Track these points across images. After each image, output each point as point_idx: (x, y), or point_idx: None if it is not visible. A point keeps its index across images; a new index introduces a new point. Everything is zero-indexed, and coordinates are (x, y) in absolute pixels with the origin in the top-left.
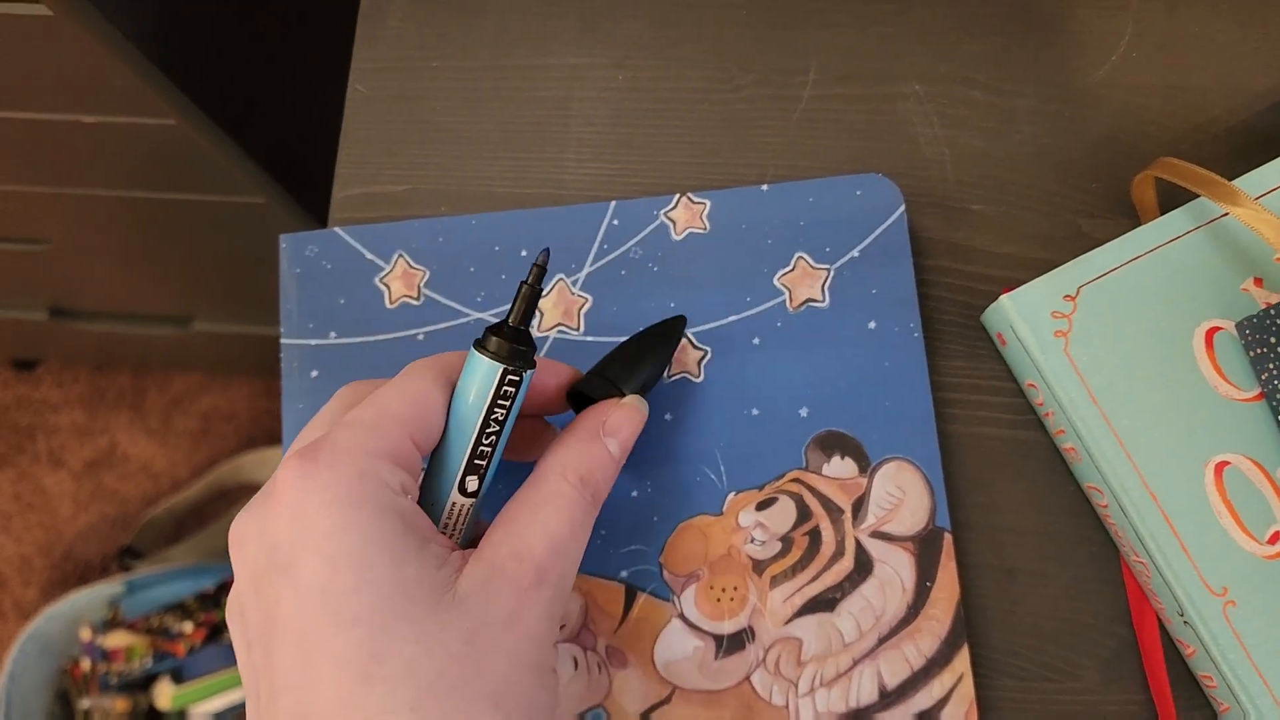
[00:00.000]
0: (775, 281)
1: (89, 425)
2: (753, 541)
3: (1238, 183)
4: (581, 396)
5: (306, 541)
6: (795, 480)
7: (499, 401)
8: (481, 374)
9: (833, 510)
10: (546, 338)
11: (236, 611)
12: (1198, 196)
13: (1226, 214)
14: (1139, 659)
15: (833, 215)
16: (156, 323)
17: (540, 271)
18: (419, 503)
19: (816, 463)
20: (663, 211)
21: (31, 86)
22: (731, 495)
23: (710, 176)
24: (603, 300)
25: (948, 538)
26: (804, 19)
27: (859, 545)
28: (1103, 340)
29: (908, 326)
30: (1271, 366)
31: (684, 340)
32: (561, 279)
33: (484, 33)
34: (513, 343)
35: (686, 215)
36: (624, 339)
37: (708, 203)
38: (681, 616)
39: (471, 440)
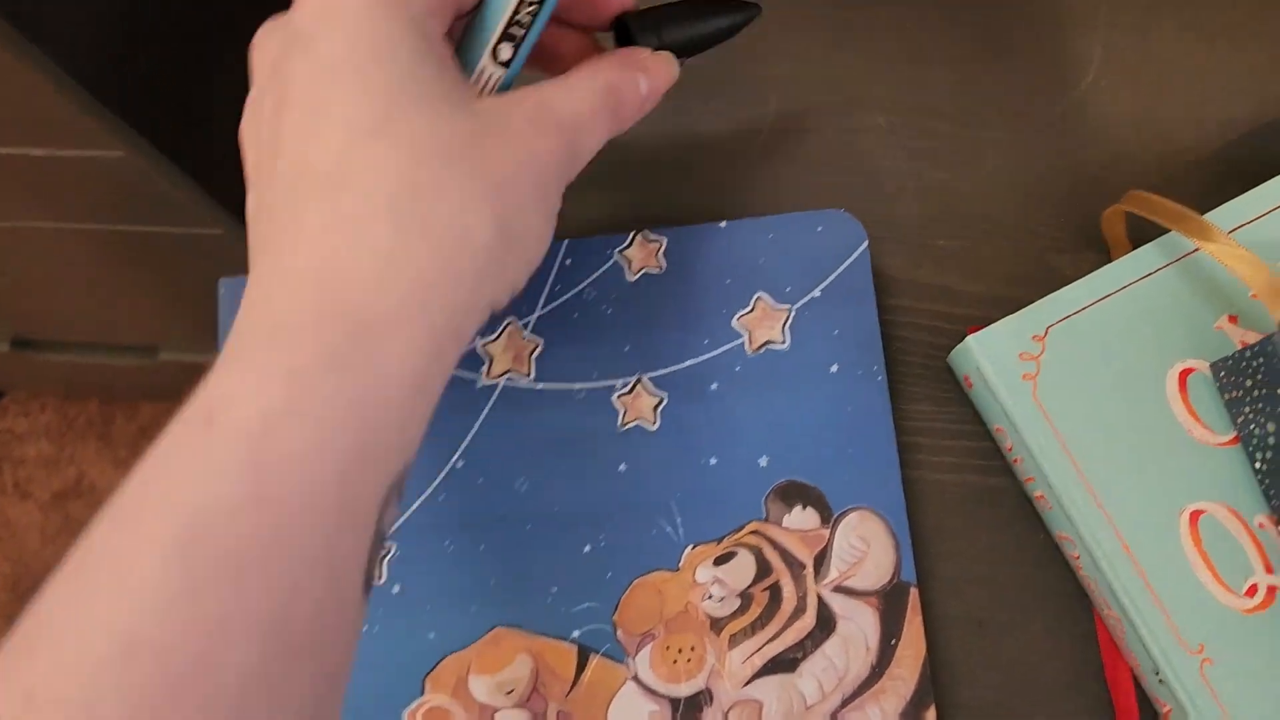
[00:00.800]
0: (734, 323)
1: (56, 456)
2: (710, 598)
3: (1210, 216)
4: (626, 32)
5: (330, 19)
6: (755, 533)
7: None
8: None
9: (794, 564)
10: (495, 385)
11: (252, 113)
12: (1169, 231)
13: (1199, 249)
14: (1113, 716)
15: (793, 253)
16: (121, 353)
17: None
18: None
19: (777, 514)
20: (617, 250)
21: None
22: (689, 549)
23: (667, 212)
24: (554, 343)
25: (914, 591)
26: (765, 49)
27: (821, 601)
28: (1073, 383)
29: (871, 369)
30: (1247, 409)
31: (641, 380)
32: (512, 321)
33: None
34: None
35: (642, 254)
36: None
37: (664, 240)
38: (636, 679)
39: (513, 3)
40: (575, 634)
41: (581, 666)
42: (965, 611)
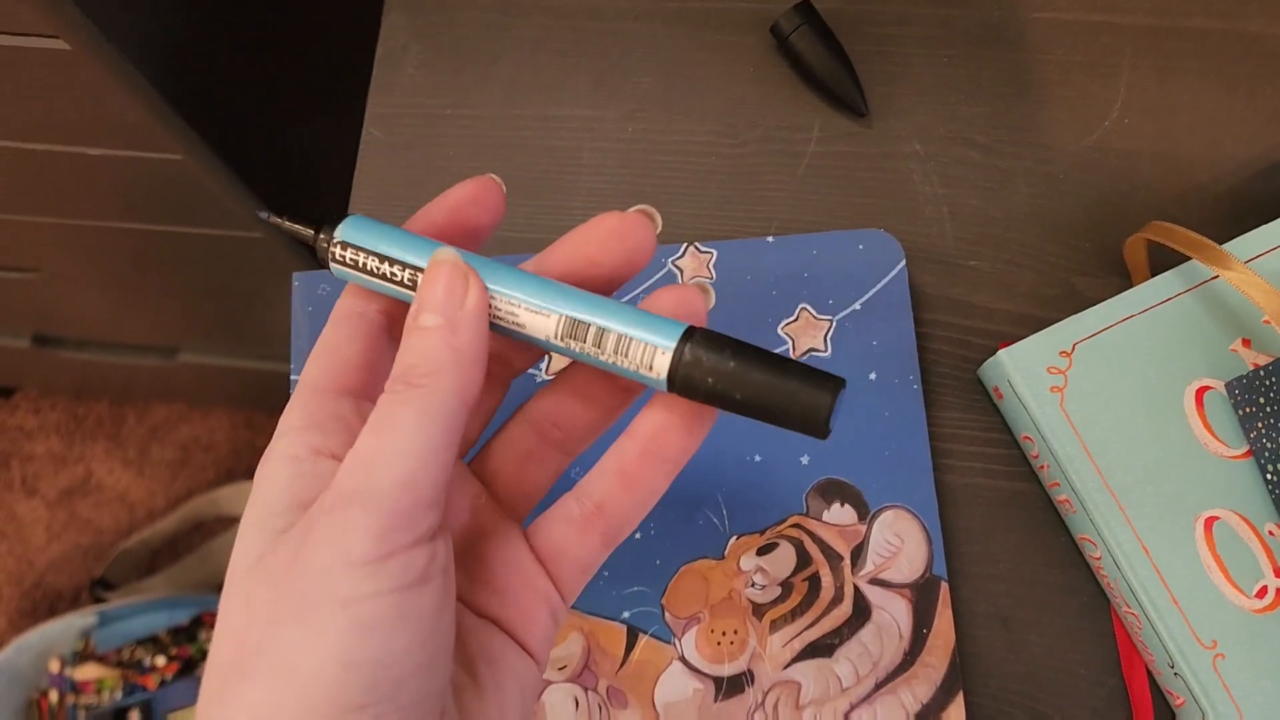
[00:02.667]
0: (779, 331)
1: (65, 453)
2: (753, 586)
3: (1226, 247)
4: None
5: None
6: (796, 526)
7: None
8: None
9: (832, 556)
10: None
11: None
12: (1188, 259)
13: (1216, 277)
14: (1129, 709)
15: (835, 268)
16: (141, 353)
17: None
18: None
19: (817, 509)
20: (671, 260)
21: (41, 118)
22: (733, 539)
23: (716, 228)
24: None
25: (944, 585)
26: (809, 79)
27: (857, 591)
28: (1097, 396)
29: (907, 379)
30: (1260, 425)
31: None
32: None
33: (498, 82)
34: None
35: (694, 264)
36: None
37: (715, 253)
38: (682, 659)
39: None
40: (625, 615)
41: (631, 646)
42: (991, 608)
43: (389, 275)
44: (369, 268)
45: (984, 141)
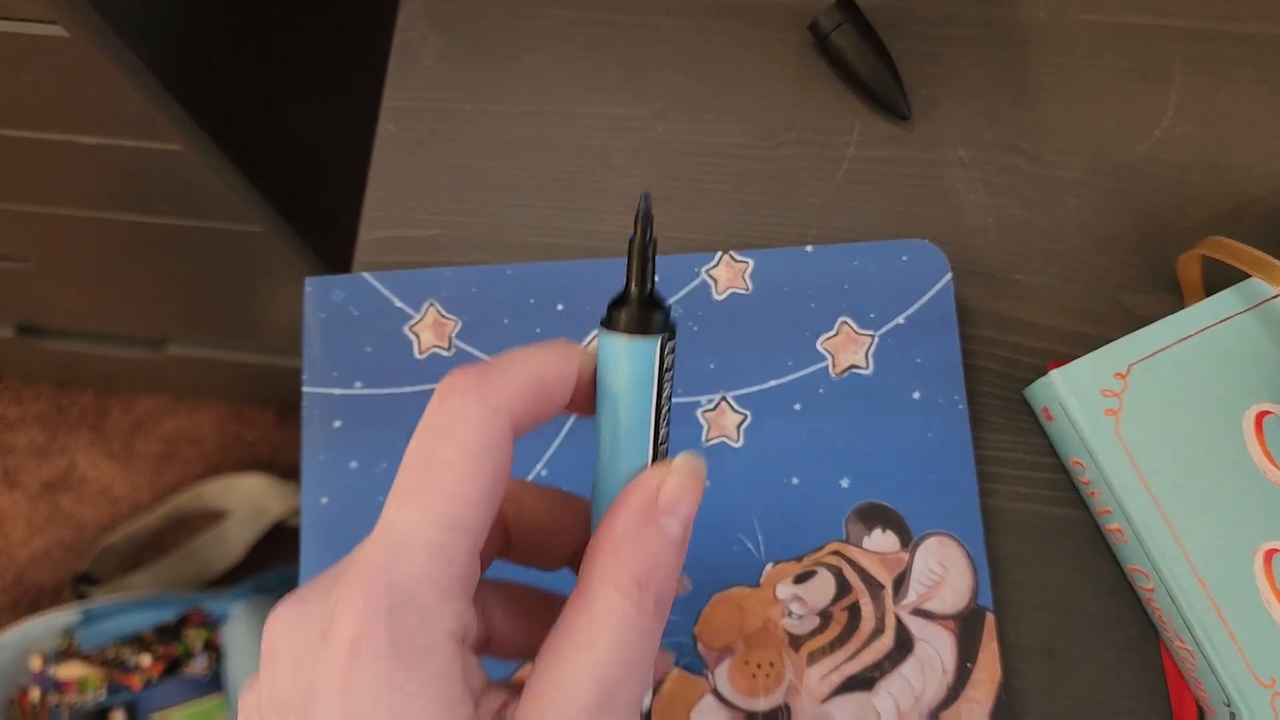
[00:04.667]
0: (818, 346)
1: (47, 445)
2: (790, 615)
3: None
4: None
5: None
6: (835, 553)
7: (666, 376)
8: (634, 356)
9: (873, 585)
10: None
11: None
12: (1246, 276)
13: (1277, 296)
14: None
15: (878, 280)
16: (128, 344)
17: (647, 223)
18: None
19: (857, 535)
20: (704, 269)
21: (36, 106)
22: (769, 566)
23: (749, 234)
24: None
25: (990, 617)
26: (850, 79)
27: (899, 623)
28: (1153, 420)
29: (952, 398)
30: None
31: (725, 397)
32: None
33: (521, 77)
34: (651, 310)
35: (728, 274)
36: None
37: (750, 262)
38: (715, 692)
39: (650, 433)
40: None
41: (661, 678)
42: (1035, 640)
43: (659, 409)
44: (662, 382)
45: (1030, 149)
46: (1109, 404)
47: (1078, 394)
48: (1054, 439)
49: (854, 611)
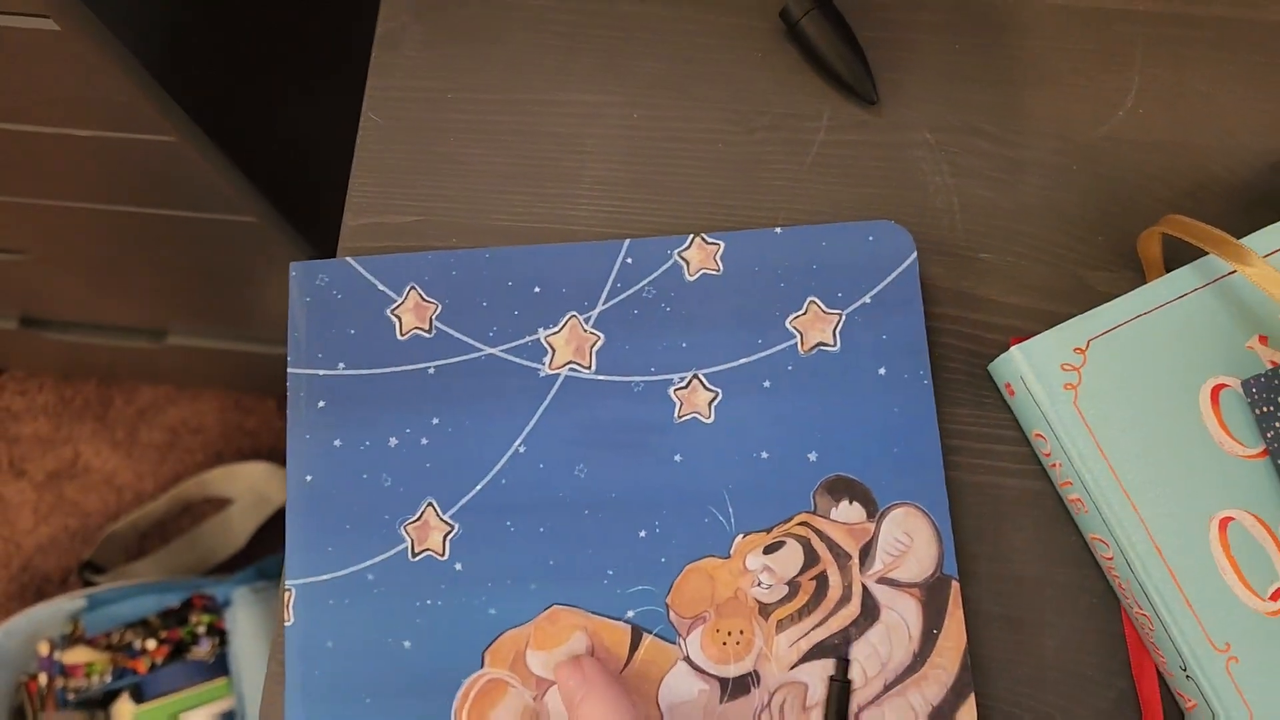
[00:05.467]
0: (787, 324)
1: (52, 435)
2: (759, 585)
3: (1244, 241)
4: None
5: None
6: (803, 524)
7: None
8: None
9: (840, 555)
10: (558, 375)
11: None
12: (1204, 254)
13: (1234, 272)
14: (1139, 712)
15: (845, 260)
16: (129, 335)
17: (844, 680)
18: None
19: (825, 507)
20: (677, 251)
21: (29, 99)
22: (739, 538)
23: (721, 217)
24: (614, 338)
25: (955, 585)
26: (819, 65)
27: (866, 591)
28: (1111, 394)
29: (918, 374)
30: (1277, 424)
31: (697, 375)
32: (574, 315)
33: (500, 65)
34: None
35: (700, 256)
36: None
37: (721, 244)
38: (687, 659)
39: None
40: (630, 614)
41: (635, 646)
42: (1000, 608)
43: None
44: None
45: (995, 131)
46: (1068, 378)
47: (1038, 369)
48: (1017, 413)
49: (822, 581)
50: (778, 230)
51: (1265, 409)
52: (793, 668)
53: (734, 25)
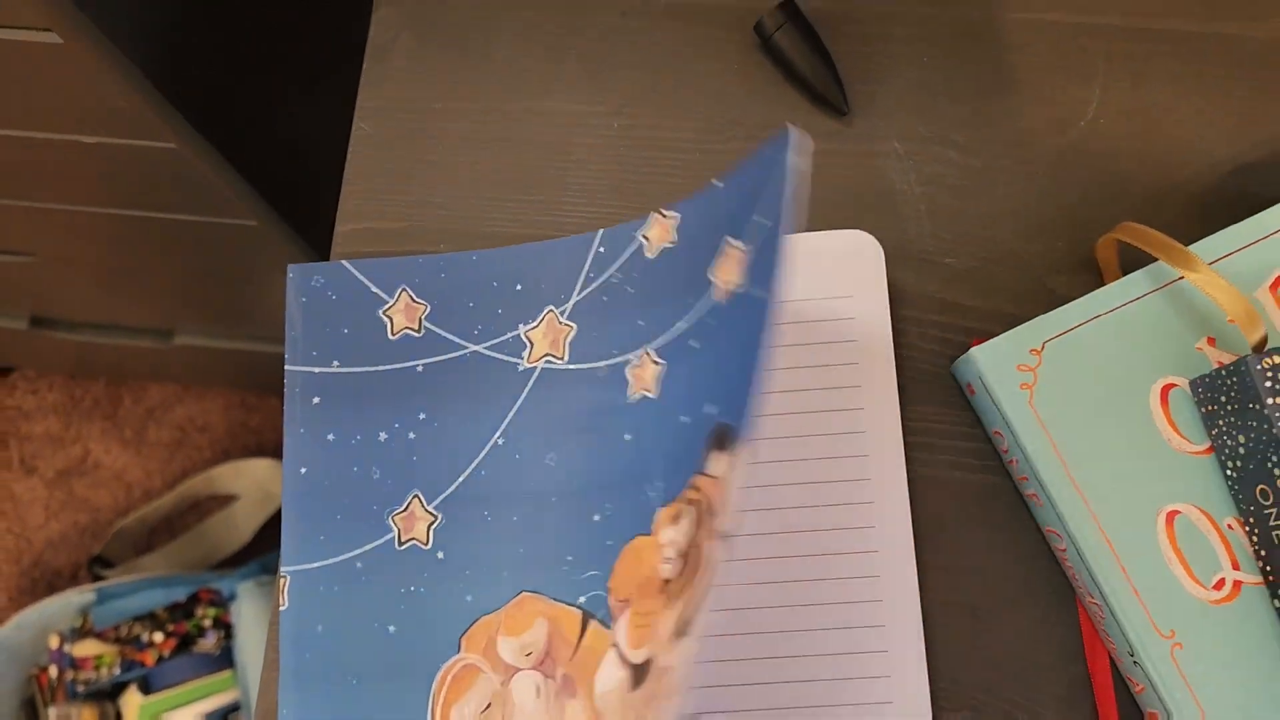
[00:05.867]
0: (709, 275)
1: (62, 433)
2: (667, 561)
3: (1194, 248)
4: None
5: None
6: (693, 486)
7: None
8: None
9: (709, 514)
10: (534, 369)
11: None
12: (1157, 260)
13: (1183, 278)
14: (1092, 696)
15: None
16: (137, 334)
17: None
18: None
19: (708, 462)
20: (639, 232)
21: (36, 108)
22: (659, 511)
23: None
24: (586, 327)
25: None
26: (792, 77)
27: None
28: (1065, 393)
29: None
30: (1221, 423)
31: (646, 356)
32: (551, 309)
33: (487, 76)
34: None
35: (659, 232)
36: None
37: (679, 215)
38: (615, 645)
39: None
40: (581, 600)
41: (583, 631)
42: (960, 598)
43: None
44: None
45: (963, 141)
46: (1024, 378)
47: (995, 369)
48: (978, 411)
49: (695, 547)
50: (719, 184)
51: (1210, 408)
52: (672, 648)
53: (711, 39)
